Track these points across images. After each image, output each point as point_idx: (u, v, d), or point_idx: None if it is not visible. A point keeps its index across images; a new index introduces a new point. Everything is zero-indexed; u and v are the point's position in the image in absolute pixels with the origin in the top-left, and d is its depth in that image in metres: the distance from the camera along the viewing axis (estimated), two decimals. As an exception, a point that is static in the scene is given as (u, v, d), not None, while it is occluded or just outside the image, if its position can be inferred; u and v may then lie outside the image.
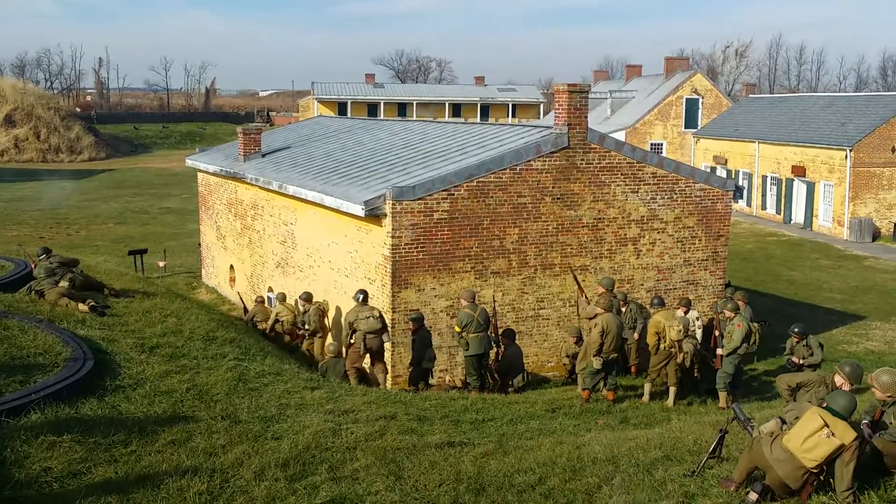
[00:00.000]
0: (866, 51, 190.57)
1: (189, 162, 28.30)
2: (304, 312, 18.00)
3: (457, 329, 14.68)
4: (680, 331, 14.79)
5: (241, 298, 22.92)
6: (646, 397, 14.99)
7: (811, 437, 7.06)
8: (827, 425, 7.05)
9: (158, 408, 10.48)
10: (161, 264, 28.72)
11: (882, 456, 7.57)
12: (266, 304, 20.82)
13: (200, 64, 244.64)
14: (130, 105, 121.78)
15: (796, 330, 15.66)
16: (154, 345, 13.29)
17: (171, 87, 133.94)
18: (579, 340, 15.65)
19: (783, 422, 7.57)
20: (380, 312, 15.49)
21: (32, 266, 16.60)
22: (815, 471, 7.09)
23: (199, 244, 29.35)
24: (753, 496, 7.29)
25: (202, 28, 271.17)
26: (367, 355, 15.64)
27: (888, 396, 7.79)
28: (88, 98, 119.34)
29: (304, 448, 9.33)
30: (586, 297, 15.98)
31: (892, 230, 37.84)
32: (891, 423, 7.68)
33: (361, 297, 15.61)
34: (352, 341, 15.37)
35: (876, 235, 38.25)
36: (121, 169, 72.85)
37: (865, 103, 42.25)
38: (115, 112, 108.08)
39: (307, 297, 18.46)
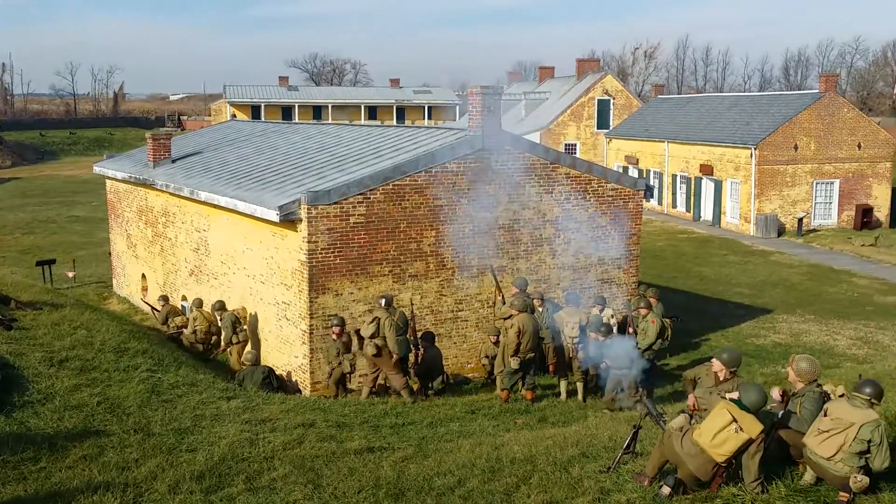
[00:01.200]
0: (770, 51, 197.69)
1: (97, 169, 27.47)
2: (235, 320, 17.69)
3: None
4: (574, 327, 15.09)
5: (150, 307, 22.39)
6: (563, 395, 15.23)
7: (720, 432, 7.28)
8: (735, 420, 7.27)
9: (69, 423, 10.19)
10: (70, 275, 27.79)
11: (789, 447, 7.88)
12: (171, 303, 20.57)
13: (108, 68, 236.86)
14: (36, 111, 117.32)
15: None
16: (63, 358, 12.89)
17: (77, 92, 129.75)
18: (498, 341, 15.80)
19: (691, 416, 7.80)
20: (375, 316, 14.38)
21: None
22: (724, 464, 7.33)
23: (110, 253, 28.51)
24: (666, 490, 7.48)
25: (109, 31, 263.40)
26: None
27: (801, 383, 8.12)
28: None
29: (220, 459, 9.19)
30: (503, 298, 16.14)
31: (796, 226, 39.40)
32: (797, 413, 7.98)
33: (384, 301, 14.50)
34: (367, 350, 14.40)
35: (781, 231, 39.76)
36: (27, 177, 70.16)
37: (769, 102, 43.88)
38: (20, 118, 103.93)
39: (220, 307, 18.15)
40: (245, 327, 17.85)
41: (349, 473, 8.92)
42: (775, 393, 8.48)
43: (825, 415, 7.43)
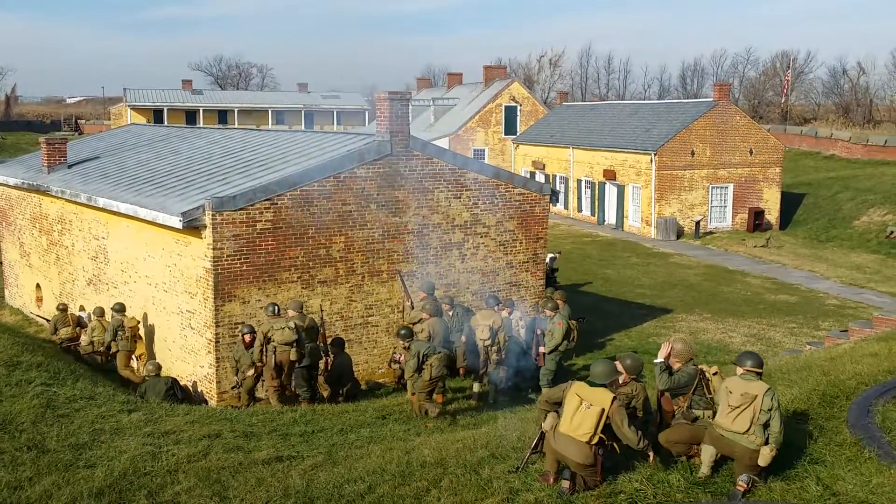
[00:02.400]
0: (668, 60, 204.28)
1: (-14, 174, 26.20)
2: (118, 326, 17.06)
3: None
4: (485, 330, 15.28)
5: (44, 319, 21.53)
6: (474, 398, 15.33)
7: (574, 415, 7.66)
8: (582, 399, 7.69)
9: (-46, 442, 9.65)
10: (-43, 286, 26.42)
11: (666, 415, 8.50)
12: (68, 313, 19.78)
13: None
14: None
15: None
16: (-51, 374, 12.23)
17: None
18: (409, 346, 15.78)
19: (559, 413, 8.02)
20: (295, 323, 14.32)
21: None
22: (596, 444, 7.61)
23: (1, 263, 27.24)
24: (565, 484, 7.68)
25: (0, 30, 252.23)
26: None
27: (678, 363, 8.61)
28: None
29: (121, 474, 8.88)
30: (412, 303, 16.15)
31: (694, 228, 40.77)
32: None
33: (272, 309, 14.63)
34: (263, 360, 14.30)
35: (680, 233, 41.09)
36: None
37: (667, 110, 45.32)
38: None
39: (120, 308, 17.57)
40: (127, 335, 17.22)
41: (257, 484, 8.75)
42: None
43: (730, 392, 7.76)
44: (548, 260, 25.65)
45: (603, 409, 7.58)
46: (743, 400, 7.62)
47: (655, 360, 8.63)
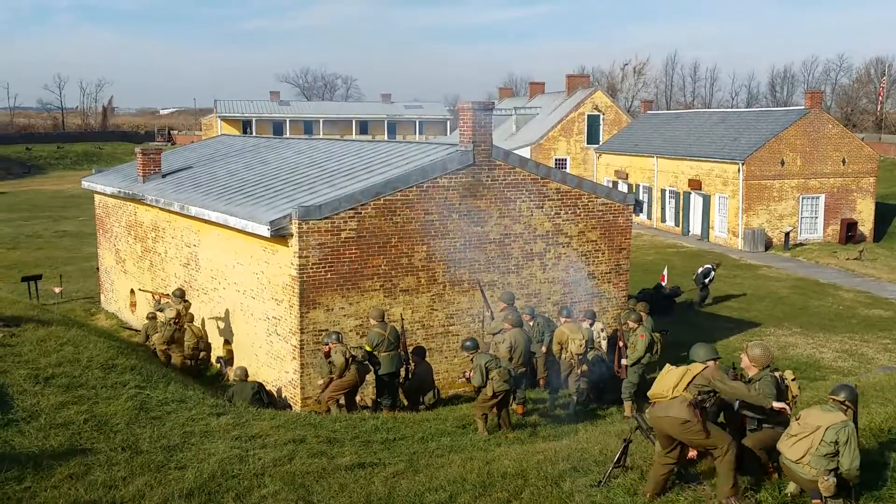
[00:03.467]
0: (756, 67, 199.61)
1: (85, 184, 27.37)
2: (185, 313, 18.00)
3: (367, 348, 14.58)
4: (581, 344, 15.11)
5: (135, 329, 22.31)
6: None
7: (663, 379, 7.97)
8: (670, 366, 8.07)
9: (54, 441, 10.09)
10: (57, 290, 27.60)
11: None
12: (157, 321, 20.45)
13: (97, 82, 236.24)
14: (23, 125, 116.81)
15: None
16: (49, 375, 12.78)
17: (66, 106, 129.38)
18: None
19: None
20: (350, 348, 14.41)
21: None
22: (677, 397, 7.70)
23: (98, 268, 28.37)
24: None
25: (98, 45, 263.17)
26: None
27: (755, 368, 8.35)
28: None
29: (210, 477, 9.12)
30: (492, 313, 16.14)
31: (782, 240, 39.60)
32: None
33: (337, 336, 14.49)
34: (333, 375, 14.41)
35: (768, 245, 39.95)
36: (12, 192, 69.83)
37: (756, 118, 44.19)
38: (6, 133, 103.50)
39: (181, 294, 18.26)
40: (171, 323, 18.02)
41: (340, 490, 8.88)
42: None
43: (797, 420, 7.59)
44: (700, 271, 27.98)
45: (688, 369, 7.80)
46: (801, 429, 7.43)
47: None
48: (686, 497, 7.65)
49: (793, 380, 8.48)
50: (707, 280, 27.80)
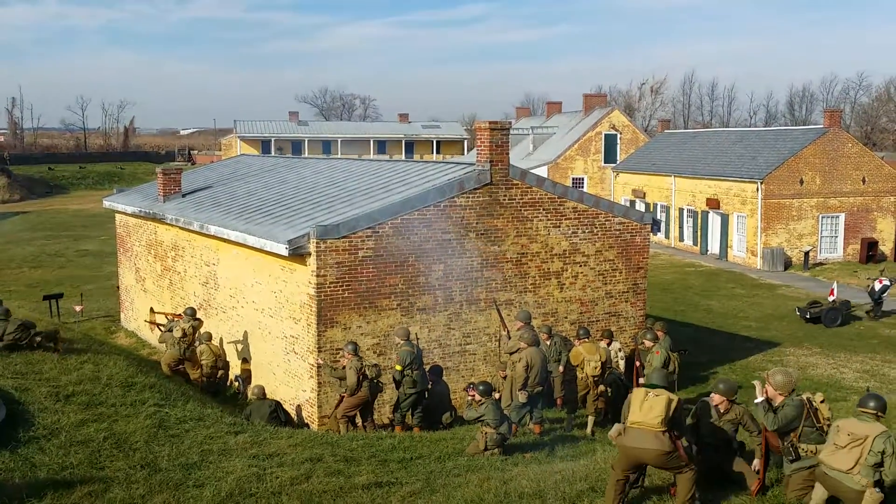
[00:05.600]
0: (774, 87, 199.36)
1: (106, 203, 27.68)
2: (192, 332, 18.07)
3: (398, 368, 14.58)
4: (596, 366, 15.07)
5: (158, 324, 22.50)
6: (589, 428, 15.14)
7: (643, 405, 7.93)
8: (648, 392, 8.06)
9: (74, 458, 10.16)
10: (78, 308, 27.83)
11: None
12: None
13: (119, 103, 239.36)
14: (46, 145, 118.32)
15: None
16: (70, 393, 12.88)
17: (88, 126, 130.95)
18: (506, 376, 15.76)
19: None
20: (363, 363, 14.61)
21: None
22: (665, 430, 7.80)
23: (118, 287, 28.61)
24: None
25: (120, 67, 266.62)
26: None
27: (780, 396, 8.28)
28: (1, 139, 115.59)
29: (228, 495, 9.15)
30: (508, 332, 16.13)
31: (802, 259, 39.33)
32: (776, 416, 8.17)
33: (353, 347, 14.69)
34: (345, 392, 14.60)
35: (787, 264, 39.69)
36: (35, 211, 70.65)
37: (774, 137, 44.04)
38: (29, 153, 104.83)
39: (192, 313, 18.33)
40: (183, 339, 18.06)
41: (357, 509, 8.88)
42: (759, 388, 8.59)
43: (839, 431, 7.51)
44: (878, 287, 28.71)
45: (669, 398, 7.85)
46: (851, 440, 7.35)
47: (756, 401, 8.32)
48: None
49: (822, 402, 8.33)
50: (885, 294, 28.78)
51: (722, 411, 8.87)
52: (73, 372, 14.20)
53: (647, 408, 7.77)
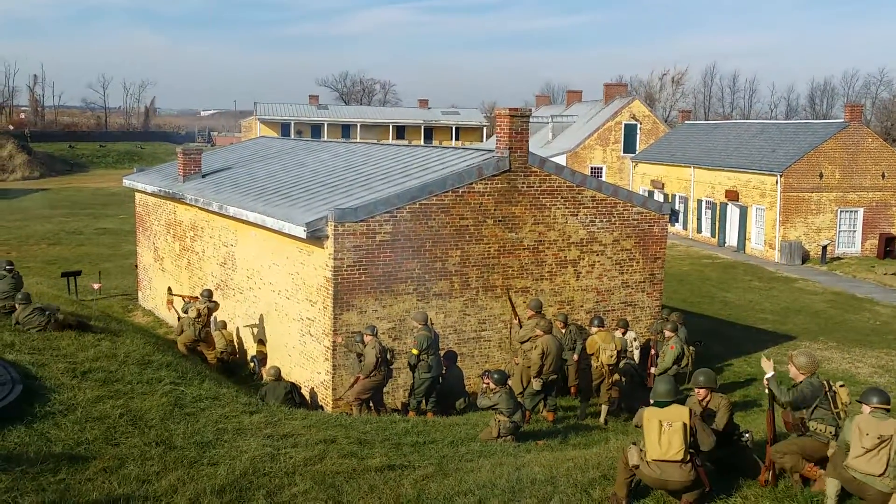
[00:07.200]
0: (796, 80, 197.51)
1: (126, 182, 27.81)
2: (206, 312, 18.11)
3: (414, 352, 14.64)
4: (612, 355, 15.03)
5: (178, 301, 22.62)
6: (602, 416, 15.13)
7: (661, 438, 7.61)
8: (661, 421, 7.67)
9: (90, 434, 10.26)
10: (96, 286, 28.03)
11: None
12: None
13: (140, 82, 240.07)
14: (66, 123, 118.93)
15: None
16: (86, 369, 13.00)
17: (109, 105, 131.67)
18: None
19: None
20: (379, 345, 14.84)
21: None
22: (688, 460, 7.60)
23: (136, 265, 28.79)
24: None
25: (142, 46, 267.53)
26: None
27: (802, 376, 8.33)
28: (22, 116, 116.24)
29: (242, 474, 9.22)
30: (519, 321, 16.11)
31: (820, 253, 39.03)
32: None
33: (372, 330, 15.00)
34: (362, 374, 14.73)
35: (805, 258, 39.40)
36: (55, 188, 71.17)
37: (795, 131, 43.64)
38: (50, 130, 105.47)
39: (208, 295, 18.42)
40: (197, 321, 18.13)
41: (370, 490, 8.93)
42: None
43: (863, 433, 7.37)
44: None
45: (684, 423, 7.63)
46: (878, 442, 7.22)
47: (767, 376, 8.33)
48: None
49: (841, 386, 8.27)
50: None
51: (705, 404, 8.86)
52: (90, 349, 14.33)
53: (665, 443, 7.57)
